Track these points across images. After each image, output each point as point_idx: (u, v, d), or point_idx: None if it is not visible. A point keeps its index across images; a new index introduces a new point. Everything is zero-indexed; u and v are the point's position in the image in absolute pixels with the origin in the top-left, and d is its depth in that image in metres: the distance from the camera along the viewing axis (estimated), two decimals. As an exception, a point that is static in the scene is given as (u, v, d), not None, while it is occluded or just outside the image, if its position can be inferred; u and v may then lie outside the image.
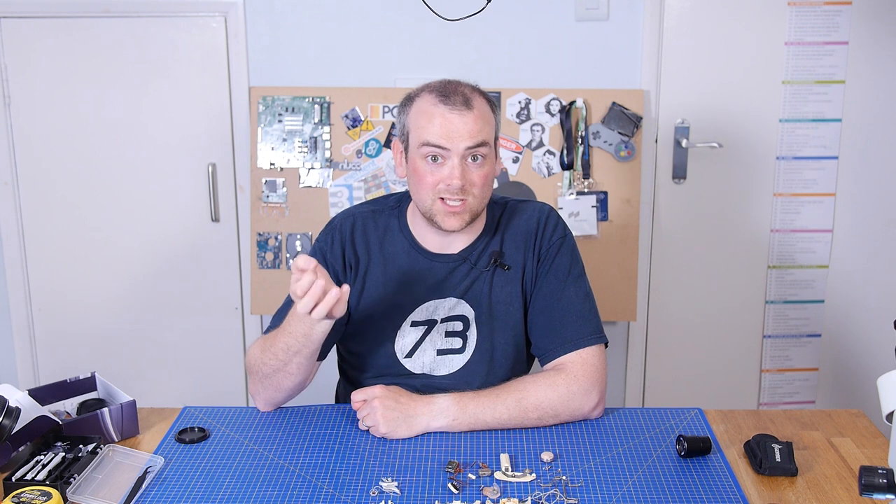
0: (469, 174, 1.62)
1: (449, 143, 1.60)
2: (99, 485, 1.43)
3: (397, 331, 1.74)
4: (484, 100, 1.66)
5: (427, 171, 1.63)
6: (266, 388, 1.67)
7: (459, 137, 1.60)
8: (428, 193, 1.64)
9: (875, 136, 2.82)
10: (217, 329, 2.94)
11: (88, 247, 2.88)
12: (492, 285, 1.74)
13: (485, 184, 1.65)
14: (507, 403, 1.60)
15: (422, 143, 1.62)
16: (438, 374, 1.75)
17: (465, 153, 1.62)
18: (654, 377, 2.99)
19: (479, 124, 1.61)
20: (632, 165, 2.72)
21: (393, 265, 1.74)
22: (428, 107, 1.63)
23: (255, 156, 2.73)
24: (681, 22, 2.74)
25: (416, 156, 1.65)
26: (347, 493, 1.41)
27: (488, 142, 1.64)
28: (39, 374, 2.96)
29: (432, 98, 1.63)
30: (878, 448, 1.57)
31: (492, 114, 1.67)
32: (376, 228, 1.76)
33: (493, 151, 1.67)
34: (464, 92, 1.64)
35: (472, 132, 1.60)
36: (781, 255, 2.90)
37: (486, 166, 1.65)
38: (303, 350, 1.60)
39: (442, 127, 1.60)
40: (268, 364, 1.64)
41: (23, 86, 2.77)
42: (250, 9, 2.72)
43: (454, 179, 1.60)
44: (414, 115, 1.66)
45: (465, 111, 1.61)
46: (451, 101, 1.62)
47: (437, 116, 1.61)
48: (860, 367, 2.95)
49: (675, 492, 1.41)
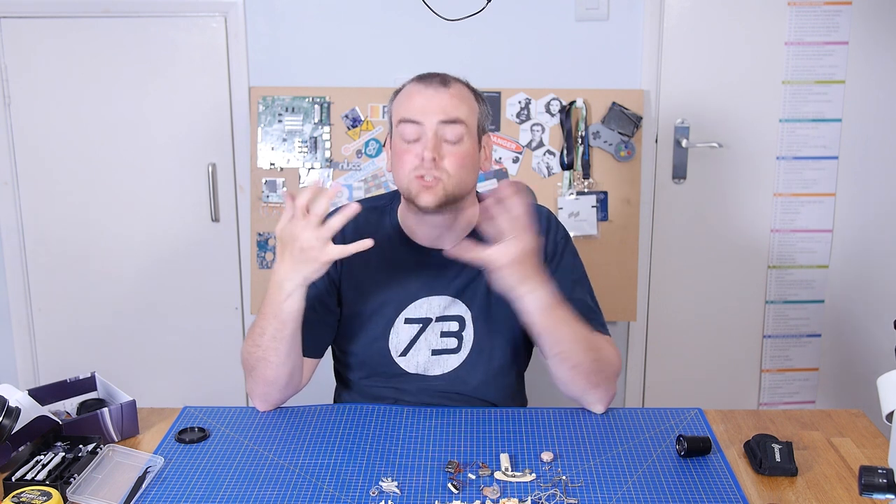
0: (444, 150, 1.63)
1: (422, 117, 1.62)
2: (99, 485, 1.43)
3: (391, 328, 1.74)
4: (466, 87, 1.69)
5: (404, 149, 1.65)
6: (256, 381, 1.67)
7: (433, 112, 1.62)
8: (405, 172, 1.64)
9: (875, 136, 2.82)
10: (217, 329, 2.95)
11: (88, 247, 2.88)
12: (489, 286, 1.74)
13: (461, 165, 1.64)
14: (584, 330, 1.62)
15: (399, 121, 1.65)
16: (432, 374, 1.75)
17: (440, 129, 1.62)
18: (654, 377, 2.99)
19: (454, 102, 1.64)
20: (632, 165, 2.72)
21: (385, 259, 1.74)
22: (408, 88, 1.69)
23: (255, 156, 2.73)
24: (681, 22, 2.74)
25: (396, 138, 1.67)
26: (347, 493, 1.41)
27: (463, 120, 1.64)
28: (39, 374, 2.96)
29: (412, 82, 1.69)
30: (878, 448, 1.57)
31: (474, 100, 1.68)
32: (368, 223, 1.76)
33: (472, 136, 1.66)
34: (444, 75, 1.68)
35: (445, 108, 1.62)
36: (781, 255, 2.90)
37: (463, 147, 1.64)
38: (278, 335, 1.59)
39: (417, 102, 1.64)
40: (252, 354, 1.64)
41: (23, 86, 2.77)
42: (250, 9, 2.72)
43: (426, 151, 1.61)
44: (396, 102, 1.70)
45: (441, 88, 1.65)
46: (428, 80, 1.66)
47: (414, 94, 1.66)
48: (860, 367, 2.95)
49: (675, 492, 1.41)
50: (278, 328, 1.59)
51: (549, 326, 1.58)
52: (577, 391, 1.65)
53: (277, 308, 1.57)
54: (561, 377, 1.64)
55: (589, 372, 1.62)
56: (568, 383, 1.64)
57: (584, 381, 1.63)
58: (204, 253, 2.89)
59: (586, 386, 1.63)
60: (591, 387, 1.64)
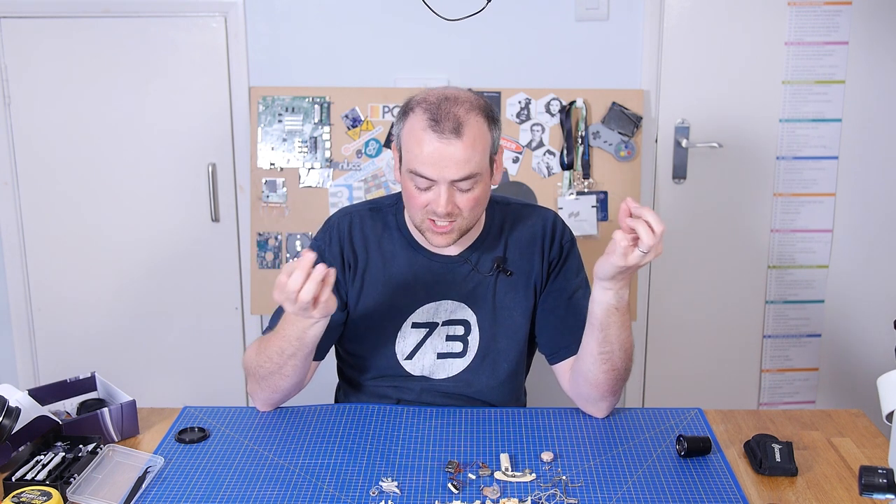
0: (457, 199, 1.59)
1: (436, 175, 1.55)
2: (99, 485, 1.43)
3: (398, 332, 1.74)
4: (481, 117, 1.58)
5: (416, 193, 1.60)
6: (263, 388, 1.67)
7: (446, 168, 1.55)
8: (417, 212, 1.63)
9: (875, 136, 2.82)
10: (217, 329, 2.94)
11: (88, 247, 2.88)
12: (495, 291, 1.73)
13: (475, 206, 1.61)
14: (631, 339, 1.63)
15: (409, 170, 1.59)
16: (438, 378, 1.75)
17: (453, 182, 1.58)
18: (654, 377, 2.99)
19: (467, 153, 1.54)
20: (632, 165, 2.72)
21: (392, 264, 1.73)
22: (418, 129, 1.56)
23: (255, 156, 2.73)
24: (681, 22, 2.74)
25: (406, 177, 1.62)
26: (347, 493, 1.41)
27: (477, 172, 1.58)
28: (39, 374, 2.96)
29: (424, 120, 1.56)
30: (878, 448, 1.57)
31: (488, 131, 1.59)
32: (374, 227, 1.75)
33: (486, 173, 1.61)
34: (457, 115, 1.55)
35: (459, 163, 1.54)
36: (781, 255, 2.90)
37: (477, 190, 1.60)
38: (297, 353, 1.59)
39: (429, 156, 1.55)
40: (263, 366, 1.64)
41: (23, 86, 2.77)
42: (250, 9, 2.72)
43: (440, 207, 1.57)
44: (406, 133, 1.60)
45: (454, 140, 1.54)
46: (441, 127, 1.54)
47: (425, 143, 1.55)
48: (860, 367, 2.95)
49: (675, 492, 1.41)
50: (299, 347, 1.59)
51: (611, 325, 1.58)
52: (597, 395, 1.64)
53: (302, 332, 1.56)
54: (590, 378, 1.63)
55: (618, 378, 1.63)
56: (593, 386, 1.63)
57: (609, 387, 1.63)
58: (204, 253, 2.89)
59: (606, 391, 1.63)
60: (609, 393, 1.64)
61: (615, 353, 1.60)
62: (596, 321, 1.58)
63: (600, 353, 1.60)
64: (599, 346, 1.59)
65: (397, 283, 1.73)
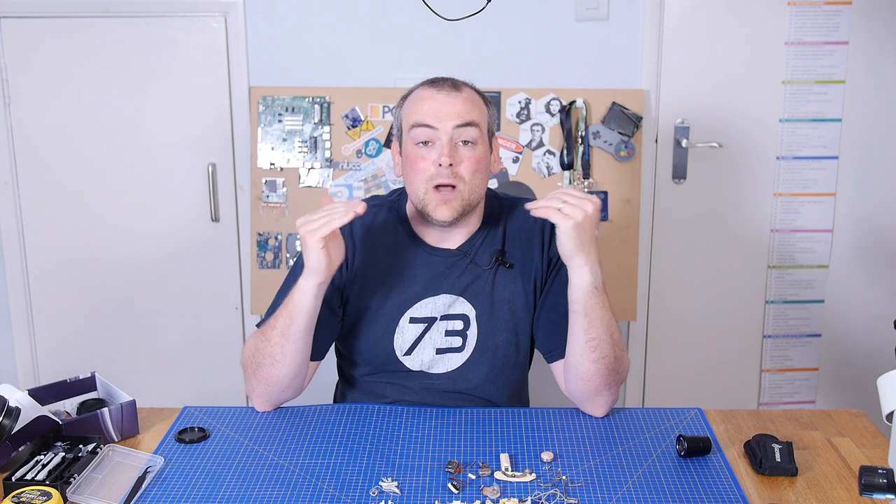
0: (459, 156, 1.65)
1: (437, 122, 1.64)
2: (99, 485, 1.43)
3: (396, 327, 1.74)
4: (475, 91, 1.71)
5: (418, 155, 1.66)
6: (259, 381, 1.67)
7: (447, 116, 1.64)
8: (420, 181, 1.66)
9: (875, 136, 2.82)
10: (217, 329, 2.95)
11: (88, 247, 2.88)
12: (494, 284, 1.74)
13: (476, 169, 1.66)
14: (615, 324, 1.63)
15: (412, 126, 1.67)
16: (436, 372, 1.75)
17: (454, 133, 1.64)
18: (654, 377, 2.99)
19: (467, 105, 1.66)
20: (632, 165, 2.72)
21: (392, 258, 1.74)
22: (418, 93, 1.70)
23: (255, 156, 2.73)
24: (681, 22, 2.74)
25: (409, 143, 1.68)
26: (347, 493, 1.41)
27: (477, 123, 1.66)
28: (39, 374, 2.96)
29: (423, 87, 1.71)
30: (878, 448, 1.57)
31: (484, 104, 1.71)
32: (375, 221, 1.77)
33: (484, 140, 1.69)
34: (453, 79, 1.71)
35: (460, 112, 1.64)
36: (781, 255, 2.90)
37: (478, 151, 1.67)
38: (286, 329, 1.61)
39: (430, 107, 1.65)
40: (261, 350, 1.65)
41: (23, 86, 2.77)
42: (250, 9, 2.72)
43: (443, 157, 1.63)
44: (406, 106, 1.71)
45: (453, 92, 1.67)
46: (440, 84, 1.68)
47: (426, 99, 1.67)
48: (860, 367, 2.95)
49: (675, 492, 1.41)
50: (287, 322, 1.61)
51: (591, 307, 1.59)
52: (591, 390, 1.64)
53: (289, 300, 1.61)
54: (581, 372, 1.62)
55: (609, 369, 1.62)
56: (585, 380, 1.63)
57: (602, 379, 1.62)
58: (204, 253, 2.89)
59: (600, 385, 1.62)
60: (605, 387, 1.63)
61: (602, 338, 1.60)
62: (578, 307, 1.60)
63: (588, 342, 1.60)
64: (586, 333, 1.60)
65: (396, 276, 1.74)
